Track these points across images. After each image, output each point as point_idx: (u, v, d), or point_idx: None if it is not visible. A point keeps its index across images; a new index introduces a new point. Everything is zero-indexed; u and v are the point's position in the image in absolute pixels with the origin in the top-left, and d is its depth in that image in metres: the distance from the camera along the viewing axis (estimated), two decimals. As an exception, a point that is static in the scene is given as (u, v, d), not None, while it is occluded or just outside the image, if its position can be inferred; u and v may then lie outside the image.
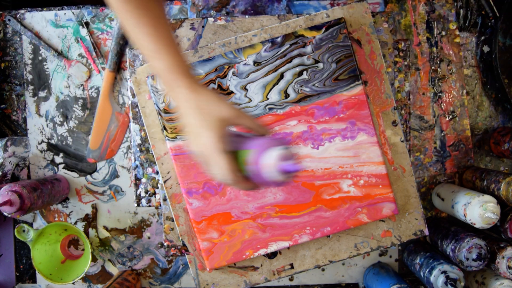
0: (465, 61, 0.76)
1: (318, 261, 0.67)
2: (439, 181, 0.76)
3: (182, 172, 0.64)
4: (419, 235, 0.66)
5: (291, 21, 0.65)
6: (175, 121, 0.64)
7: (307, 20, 0.65)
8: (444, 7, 0.74)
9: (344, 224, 0.64)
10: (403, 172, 0.66)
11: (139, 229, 0.77)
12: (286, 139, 0.64)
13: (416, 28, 0.74)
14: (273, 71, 0.64)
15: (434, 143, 0.75)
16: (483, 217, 0.60)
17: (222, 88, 0.64)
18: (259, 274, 0.67)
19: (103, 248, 0.77)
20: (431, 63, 0.75)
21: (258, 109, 0.64)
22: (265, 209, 0.64)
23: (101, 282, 0.78)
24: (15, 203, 0.63)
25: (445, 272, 0.62)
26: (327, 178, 0.64)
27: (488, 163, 0.77)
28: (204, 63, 0.64)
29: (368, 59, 0.65)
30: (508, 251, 0.63)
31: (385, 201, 0.64)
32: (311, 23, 0.65)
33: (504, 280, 0.64)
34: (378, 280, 0.71)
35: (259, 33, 0.66)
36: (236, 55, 0.64)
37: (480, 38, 0.76)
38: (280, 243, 0.65)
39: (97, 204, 0.77)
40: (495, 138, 0.74)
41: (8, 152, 0.73)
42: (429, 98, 0.75)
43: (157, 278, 0.78)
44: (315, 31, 0.63)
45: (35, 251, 0.71)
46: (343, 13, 0.65)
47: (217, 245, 0.65)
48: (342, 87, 0.64)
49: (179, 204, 0.66)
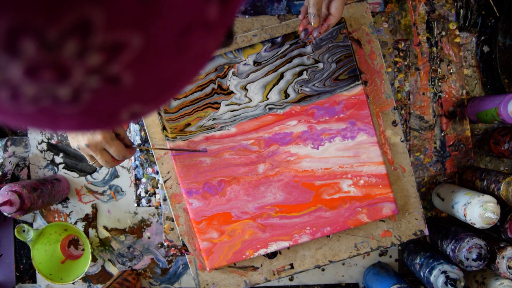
0: (465, 61, 0.76)
1: (318, 261, 0.67)
2: (439, 181, 0.76)
3: (182, 172, 0.64)
4: (419, 235, 0.66)
5: (291, 21, 0.65)
6: (175, 121, 0.64)
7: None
8: (444, 7, 0.74)
9: (344, 224, 0.64)
10: (403, 172, 0.66)
11: (139, 229, 0.77)
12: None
13: (416, 28, 0.74)
14: (273, 71, 0.64)
15: (434, 143, 0.75)
16: (483, 217, 0.60)
17: (222, 88, 0.64)
18: (259, 274, 0.67)
19: (103, 248, 0.77)
20: (431, 63, 0.75)
21: (258, 109, 0.64)
22: (265, 209, 0.64)
23: (101, 282, 0.78)
24: (15, 203, 0.63)
25: (445, 272, 0.62)
26: (327, 178, 0.64)
27: (488, 163, 0.77)
28: (204, 63, 0.64)
29: (368, 59, 0.65)
30: (508, 251, 0.63)
31: (385, 201, 0.64)
32: (311, 23, 0.65)
33: (504, 280, 0.64)
34: (378, 280, 0.71)
35: (259, 33, 0.66)
36: (236, 55, 0.64)
37: (480, 38, 0.76)
38: (280, 243, 0.65)
39: (97, 204, 0.77)
40: (495, 138, 0.74)
41: (8, 152, 0.72)
42: (429, 98, 0.75)
43: (157, 278, 0.78)
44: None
45: (35, 251, 0.71)
46: (343, 13, 0.65)
47: (217, 245, 0.65)
48: (342, 87, 0.64)
49: (179, 204, 0.66)
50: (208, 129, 0.64)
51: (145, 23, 0.12)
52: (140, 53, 0.13)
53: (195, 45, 0.15)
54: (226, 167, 0.64)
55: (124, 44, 0.12)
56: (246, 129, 0.64)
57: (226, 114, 0.64)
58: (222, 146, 0.64)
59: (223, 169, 0.64)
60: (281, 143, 0.64)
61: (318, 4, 0.52)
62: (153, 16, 0.12)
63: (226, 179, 0.64)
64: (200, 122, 0.64)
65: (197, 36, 0.15)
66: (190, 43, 0.15)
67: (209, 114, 0.64)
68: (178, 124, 0.64)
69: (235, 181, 0.64)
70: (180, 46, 0.14)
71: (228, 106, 0.64)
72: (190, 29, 0.14)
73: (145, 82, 0.15)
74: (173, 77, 0.16)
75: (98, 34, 0.11)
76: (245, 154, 0.64)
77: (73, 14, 0.10)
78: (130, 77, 0.14)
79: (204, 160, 0.64)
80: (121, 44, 0.12)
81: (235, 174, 0.64)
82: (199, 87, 0.64)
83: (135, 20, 0.12)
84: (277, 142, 0.64)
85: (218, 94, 0.64)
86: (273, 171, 0.64)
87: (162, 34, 0.13)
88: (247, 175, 0.64)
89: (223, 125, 0.64)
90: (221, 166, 0.64)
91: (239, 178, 0.64)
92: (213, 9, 0.15)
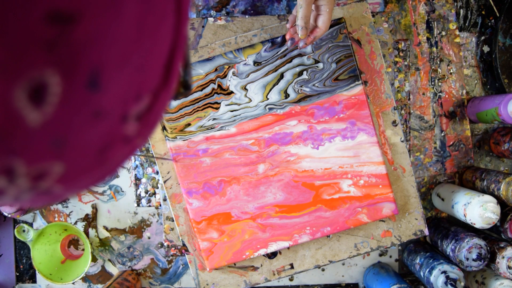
0: (465, 61, 0.76)
1: (318, 261, 0.67)
2: (439, 181, 0.76)
3: (182, 172, 0.64)
4: (419, 235, 0.66)
5: (291, 21, 0.65)
6: (175, 121, 0.64)
7: (307, 20, 0.65)
8: (444, 7, 0.74)
9: (344, 224, 0.64)
10: (403, 172, 0.66)
11: (139, 229, 0.77)
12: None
13: (416, 28, 0.74)
14: (273, 71, 0.64)
15: (434, 143, 0.75)
16: (483, 217, 0.60)
17: (222, 88, 0.64)
18: (259, 274, 0.67)
19: (103, 248, 0.77)
20: (431, 63, 0.75)
21: (258, 109, 0.64)
22: (265, 209, 0.64)
23: (101, 282, 0.78)
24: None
25: (445, 272, 0.62)
26: (327, 178, 0.64)
27: (488, 163, 0.77)
28: (204, 63, 0.64)
29: (368, 59, 0.65)
30: (508, 251, 0.63)
31: (385, 201, 0.64)
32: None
33: (504, 280, 0.64)
34: (378, 280, 0.71)
35: (259, 33, 0.66)
36: (236, 55, 0.64)
37: (480, 38, 0.76)
38: (280, 243, 0.65)
39: (97, 204, 0.77)
40: (495, 138, 0.74)
41: (8, 152, 0.72)
42: (429, 98, 0.75)
43: (157, 278, 0.78)
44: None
45: (35, 251, 0.71)
46: (343, 13, 0.65)
47: (217, 245, 0.65)
48: (342, 87, 0.64)
49: (179, 204, 0.66)
50: (208, 129, 0.64)
51: (61, 157, 0.15)
52: (64, 174, 0.15)
53: (117, 154, 0.17)
54: (226, 167, 0.64)
55: (46, 172, 0.15)
56: (246, 129, 0.64)
57: (226, 114, 0.64)
58: (222, 146, 0.64)
59: (223, 169, 0.64)
60: (281, 143, 0.64)
61: (306, 18, 0.53)
62: (68, 151, 0.15)
63: (226, 179, 0.64)
64: (200, 122, 0.64)
65: (118, 149, 0.17)
66: (111, 155, 0.17)
67: (209, 114, 0.64)
68: (178, 124, 0.64)
69: (235, 181, 0.64)
70: (101, 159, 0.17)
71: (228, 106, 0.64)
72: (109, 147, 0.16)
73: (75, 186, 0.17)
74: (101, 175, 0.18)
75: (21, 171, 0.14)
76: (245, 154, 0.64)
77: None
78: (60, 188, 0.16)
79: (204, 160, 0.64)
80: (43, 172, 0.15)
81: (235, 174, 0.64)
82: (199, 87, 0.64)
83: (51, 157, 0.14)
84: (277, 142, 0.64)
85: (218, 94, 0.64)
86: (273, 171, 0.64)
87: (80, 159, 0.16)
88: (247, 175, 0.64)
89: (223, 125, 0.64)
90: (221, 166, 0.64)
91: (239, 178, 0.64)
92: (131, 127, 0.17)
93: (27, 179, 0.14)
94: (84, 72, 0.14)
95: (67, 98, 0.13)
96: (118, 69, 0.15)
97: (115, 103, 0.15)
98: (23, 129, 0.13)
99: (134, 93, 0.16)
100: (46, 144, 0.14)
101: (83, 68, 0.13)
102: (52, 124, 0.13)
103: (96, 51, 0.14)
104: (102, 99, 0.15)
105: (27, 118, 0.13)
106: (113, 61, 0.14)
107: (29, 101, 0.13)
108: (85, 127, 0.15)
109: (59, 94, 0.13)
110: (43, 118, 0.13)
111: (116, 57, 0.15)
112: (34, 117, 0.13)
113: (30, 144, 0.13)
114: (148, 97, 0.17)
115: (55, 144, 0.14)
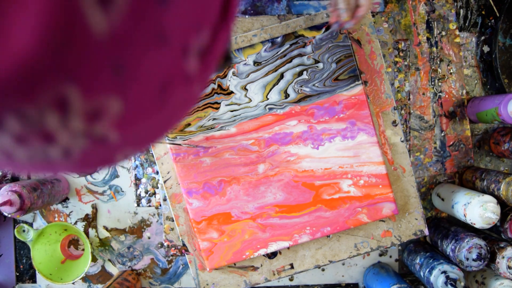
0: (465, 61, 0.76)
1: (318, 261, 0.67)
2: (439, 181, 0.76)
3: (182, 172, 0.64)
4: (419, 235, 0.66)
5: (291, 21, 0.65)
6: (175, 121, 0.64)
7: (307, 20, 0.65)
8: (444, 7, 0.74)
9: (344, 224, 0.64)
10: (403, 172, 0.66)
11: (139, 229, 0.77)
12: None
13: (416, 28, 0.74)
14: (273, 71, 0.64)
15: (434, 143, 0.75)
16: (483, 217, 0.60)
17: (222, 88, 0.64)
18: (259, 274, 0.67)
19: (103, 248, 0.77)
20: (431, 63, 0.75)
21: (258, 109, 0.64)
22: (265, 209, 0.64)
23: (101, 282, 0.78)
24: (15, 203, 0.63)
25: (445, 272, 0.62)
26: (327, 178, 0.64)
27: (488, 163, 0.77)
28: (204, 63, 0.64)
29: (368, 59, 0.65)
30: (508, 251, 0.63)
31: (385, 201, 0.64)
32: (311, 23, 0.65)
33: (504, 280, 0.64)
34: (378, 280, 0.71)
35: (259, 33, 0.66)
36: (236, 55, 0.64)
37: (480, 38, 0.76)
38: (280, 243, 0.65)
39: (97, 204, 0.77)
40: (495, 138, 0.74)
41: (8, 152, 0.72)
42: (429, 98, 0.75)
43: (157, 278, 0.78)
44: (315, 31, 0.63)
45: (35, 251, 0.71)
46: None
47: (217, 245, 0.65)
48: (342, 87, 0.64)
49: (179, 204, 0.66)
50: (208, 129, 0.64)
51: (121, 90, 0.13)
52: (122, 114, 0.14)
53: (178, 96, 0.16)
54: (226, 167, 0.64)
55: (103, 109, 0.13)
56: (246, 129, 0.64)
57: (226, 114, 0.64)
58: (222, 146, 0.64)
59: (223, 169, 0.64)
60: (281, 143, 0.64)
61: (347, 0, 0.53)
62: (129, 82, 0.13)
63: (226, 179, 0.64)
64: (200, 122, 0.64)
65: (179, 88, 0.16)
66: (173, 95, 0.16)
67: (209, 114, 0.64)
68: (178, 124, 0.64)
69: (235, 181, 0.64)
70: (162, 99, 0.15)
71: (228, 106, 0.64)
72: (170, 84, 0.15)
73: (132, 134, 0.15)
74: (160, 124, 0.17)
75: (76, 105, 0.12)
76: (245, 154, 0.64)
77: (49, 94, 0.11)
78: (116, 134, 0.14)
79: (204, 160, 0.64)
80: (100, 110, 0.13)
81: (235, 174, 0.64)
82: (199, 87, 0.64)
83: (111, 88, 0.13)
84: (277, 142, 0.64)
85: (218, 94, 0.64)
86: (273, 171, 0.64)
87: (141, 95, 0.14)
88: (247, 175, 0.64)
89: (223, 125, 0.64)
90: (221, 166, 0.64)
91: (239, 178, 0.64)
92: (193, 63, 0.16)
93: (81, 119, 0.13)
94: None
95: (137, 7, 0.12)
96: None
97: (178, 27, 0.14)
98: (84, 36, 0.11)
99: (195, 22, 0.15)
100: (106, 69, 0.12)
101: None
102: (116, 39, 0.12)
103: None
104: (167, 18, 0.13)
105: (92, 21, 0.11)
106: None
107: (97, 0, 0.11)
108: (148, 52, 0.13)
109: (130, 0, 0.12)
110: (109, 27, 0.11)
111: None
112: (99, 21, 0.11)
113: (89, 64, 0.11)
114: (208, 32, 0.16)
115: (116, 70, 0.12)
